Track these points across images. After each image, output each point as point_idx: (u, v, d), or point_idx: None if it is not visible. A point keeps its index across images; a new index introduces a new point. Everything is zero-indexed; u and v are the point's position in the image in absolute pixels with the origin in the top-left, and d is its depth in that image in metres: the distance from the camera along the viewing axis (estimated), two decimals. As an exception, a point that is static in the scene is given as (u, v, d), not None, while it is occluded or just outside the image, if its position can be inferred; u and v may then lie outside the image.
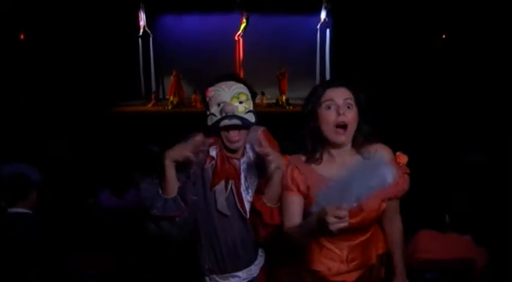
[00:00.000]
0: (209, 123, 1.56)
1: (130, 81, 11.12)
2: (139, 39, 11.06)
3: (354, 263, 1.59)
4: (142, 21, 10.88)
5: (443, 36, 9.80)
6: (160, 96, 11.55)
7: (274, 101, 10.59)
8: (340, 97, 1.52)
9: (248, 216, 1.61)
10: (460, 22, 8.88)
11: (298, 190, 1.56)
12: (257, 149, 1.53)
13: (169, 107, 10.16)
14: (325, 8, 10.75)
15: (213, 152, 1.58)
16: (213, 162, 1.58)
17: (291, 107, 10.18)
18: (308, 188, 1.55)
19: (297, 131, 1.62)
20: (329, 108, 1.52)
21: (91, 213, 3.10)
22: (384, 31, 9.56)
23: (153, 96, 10.94)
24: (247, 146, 1.65)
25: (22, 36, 9.02)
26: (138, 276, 2.29)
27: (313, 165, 1.58)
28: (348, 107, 1.51)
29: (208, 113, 1.57)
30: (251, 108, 1.59)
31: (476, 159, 3.73)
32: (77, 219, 2.83)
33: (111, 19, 9.94)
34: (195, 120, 1.67)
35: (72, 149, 4.04)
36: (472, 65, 8.57)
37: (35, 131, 5.12)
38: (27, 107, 7.72)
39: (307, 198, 1.56)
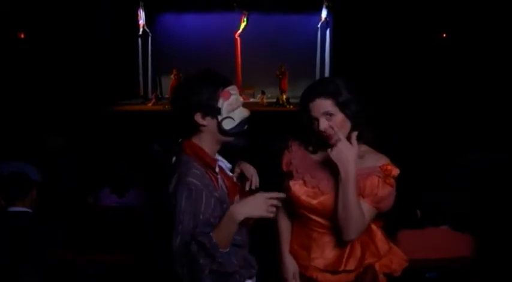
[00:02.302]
0: (227, 127, 1.49)
1: (130, 81, 11.13)
2: (139, 39, 11.06)
3: (318, 261, 1.62)
4: (142, 20, 10.88)
5: (444, 35, 9.79)
6: (160, 96, 11.57)
7: (274, 100, 10.59)
8: (317, 111, 1.52)
9: None
10: (460, 21, 8.88)
11: (283, 170, 1.70)
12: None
13: (170, 106, 10.14)
14: (326, 7, 10.74)
15: (217, 169, 1.51)
16: (220, 179, 1.51)
17: (291, 106, 10.16)
18: (290, 165, 1.68)
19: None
20: (315, 119, 1.54)
21: (91, 211, 3.10)
22: (384, 30, 9.56)
23: (153, 95, 10.95)
24: None
25: (22, 35, 9.03)
26: (138, 275, 2.29)
27: (307, 151, 1.67)
28: (330, 115, 1.51)
29: (225, 115, 1.48)
30: None
31: (475, 157, 3.73)
32: (76, 217, 2.83)
33: (112, 18, 9.95)
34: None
35: (72, 147, 4.03)
36: (473, 63, 8.57)
37: (34, 129, 5.12)
38: (26, 106, 7.72)
39: (291, 176, 1.66)
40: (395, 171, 1.52)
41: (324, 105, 1.51)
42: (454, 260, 2.08)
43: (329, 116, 1.51)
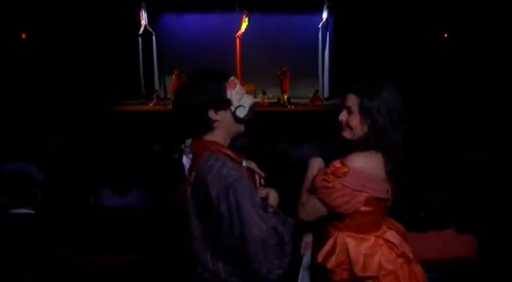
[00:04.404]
0: (241, 115, 1.50)
1: (130, 81, 11.14)
2: (139, 38, 11.07)
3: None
4: (144, 20, 10.89)
5: (445, 35, 9.79)
6: (162, 96, 11.58)
7: (275, 100, 10.60)
8: (345, 102, 1.56)
9: None
10: (461, 21, 8.88)
11: None
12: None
13: (171, 106, 10.14)
14: (327, 7, 10.75)
15: (244, 164, 1.53)
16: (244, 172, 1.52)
17: (292, 106, 10.18)
18: None
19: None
20: (342, 109, 1.58)
21: (91, 211, 3.10)
22: (385, 30, 9.56)
23: (154, 96, 10.96)
24: None
25: (23, 35, 9.04)
26: (139, 275, 2.29)
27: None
28: (351, 112, 1.53)
29: (237, 104, 1.49)
30: None
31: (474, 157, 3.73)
32: (77, 217, 2.83)
33: (112, 18, 9.96)
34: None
35: (72, 147, 4.04)
36: (473, 63, 8.57)
37: (34, 129, 5.13)
38: (26, 106, 7.73)
39: None
40: (340, 172, 1.48)
41: (349, 99, 1.54)
42: (454, 260, 2.07)
43: (350, 111, 1.54)
